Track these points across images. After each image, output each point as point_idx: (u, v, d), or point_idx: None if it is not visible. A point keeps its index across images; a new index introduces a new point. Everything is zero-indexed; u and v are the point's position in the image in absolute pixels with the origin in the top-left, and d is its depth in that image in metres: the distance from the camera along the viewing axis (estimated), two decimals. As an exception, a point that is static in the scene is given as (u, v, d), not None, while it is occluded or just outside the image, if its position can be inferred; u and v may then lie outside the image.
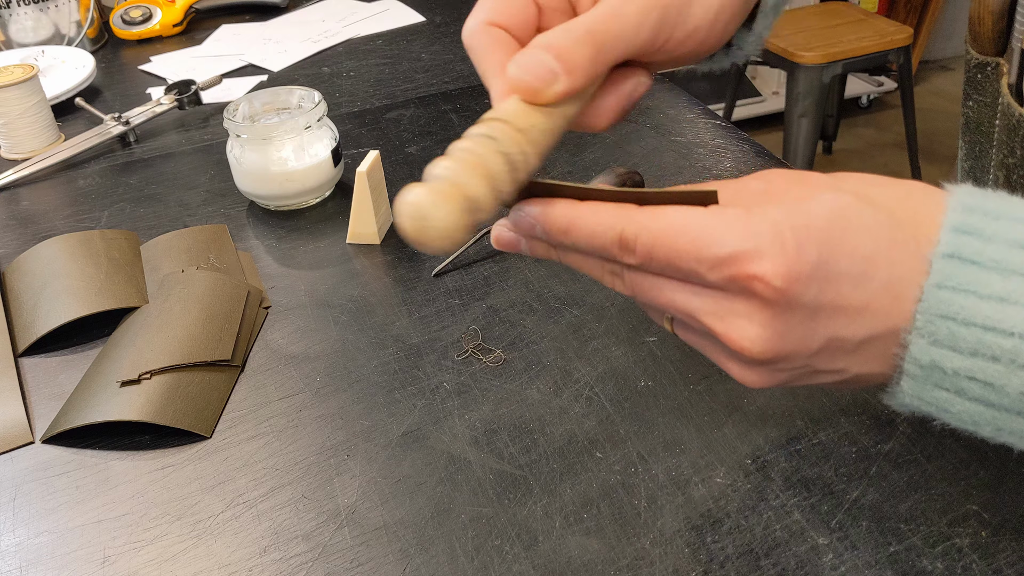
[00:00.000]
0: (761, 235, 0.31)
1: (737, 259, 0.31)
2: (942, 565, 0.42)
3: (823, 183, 0.34)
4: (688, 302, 0.33)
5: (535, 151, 0.33)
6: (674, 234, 0.32)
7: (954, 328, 0.31)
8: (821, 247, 0.31)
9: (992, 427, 0.33)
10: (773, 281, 0.31)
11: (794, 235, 0.31)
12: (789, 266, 0.31)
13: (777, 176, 0.35)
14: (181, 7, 1.22)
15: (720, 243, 0.31)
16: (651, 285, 0.34)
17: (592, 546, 0.44)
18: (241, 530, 0.47)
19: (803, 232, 0.31)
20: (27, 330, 0.61)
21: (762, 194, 0.34)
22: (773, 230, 0.31)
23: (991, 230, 0.31)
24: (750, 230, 0.31)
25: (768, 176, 0.35)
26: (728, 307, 0.32)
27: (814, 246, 0.31)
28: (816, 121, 2.21)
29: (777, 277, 0.30)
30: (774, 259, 0.30)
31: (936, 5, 2.97)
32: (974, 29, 0.59)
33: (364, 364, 0.57)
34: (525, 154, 0.33)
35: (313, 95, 0.75)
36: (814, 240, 0.31)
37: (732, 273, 0.31)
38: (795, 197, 0.33)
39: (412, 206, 0.30)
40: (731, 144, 0.81)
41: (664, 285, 0.34)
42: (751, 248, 0.31)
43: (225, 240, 0.70)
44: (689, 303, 0.33)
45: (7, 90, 0.86)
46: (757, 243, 0.31)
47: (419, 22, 1.21)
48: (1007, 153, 0.57)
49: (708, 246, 0.31)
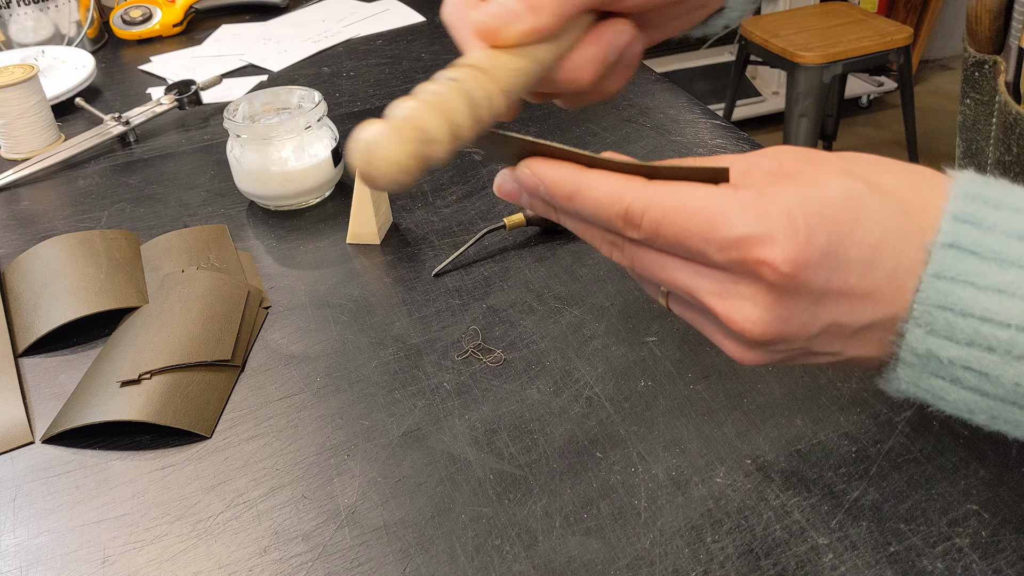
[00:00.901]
0: (773, 220, 0.31)
1: (747, 242, 0.31)
2: (942, 565, 0.42)
3: (835, 165, 0.33)
4: (691, 281, 0.33)
5: (499, 89, 0.33)
6: (684, 213, 0.31)
7: (951, 318, 0.31)
8: (831, 234, 0.31)
9: (986, 415, 0.33)
10: (782, 267, 0.30)
11: (805, 221, 0.31)
12: (799, 252, 0.30)
13: (788, 154, 0.35)
14: (181, 7, 1.22)
15: (731, 225, 0.31)
16: (653, 260, 0.34)
17: (592, 546, 0.44)
18: (241, 530, 0.47)
19: (814, 219, 0.31)
20: (27, 330, 0.61)
21: (773, 174, 0.34)
22: (786, 215, 0.31)
23: (991, 220, 0.31)
24: (762, 214, 0.31)
25: (780, 154, 0.35)
26: (732, 288, 0.32)
27: (824, 233, 0.31)
28: (816, 121, 2.21)
29: (787, 263, 0.30)
30: (784, 245, 0.30)
31: (936, 5, 2.97)
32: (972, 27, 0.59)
33: (364, 364, 0.57)
34: (487, 91, 0.32)
35: (313, 95, 0.75)
36: (824, 227, 0.31)
37: (741, 256, 0.31)
38: (807, 180, 0.32)
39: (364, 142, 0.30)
40: (731, 144, 0.81)
41: (667, 262, 0.33)
42: (763, 232, 0.30)
43: (225, 240, 0.70)
44: (692, 282, 0.33)
45: (7, 90, 0.86)
46: (769, 228, 0.30)
47: (419, 22, 1.21)
48: (1003, 151, 0.57)
49: (719, 227, 0.31)
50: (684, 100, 0.90)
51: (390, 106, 0.31)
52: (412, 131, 0.30)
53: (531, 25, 0.34)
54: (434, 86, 0.32)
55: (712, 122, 0.85)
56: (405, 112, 0.30)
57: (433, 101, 0.31)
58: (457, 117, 0.31)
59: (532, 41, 0.34)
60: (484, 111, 0.32)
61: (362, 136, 0.30)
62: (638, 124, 0.86)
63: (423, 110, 0.30)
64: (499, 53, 0.34)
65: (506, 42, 0.34)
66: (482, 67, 0.33)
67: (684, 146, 0.81)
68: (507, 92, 0.34)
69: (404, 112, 0.30)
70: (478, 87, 0.32)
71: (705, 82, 2.82)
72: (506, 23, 0.33)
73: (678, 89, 0.93)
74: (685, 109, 0.88)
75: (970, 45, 0.61)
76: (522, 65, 0.34)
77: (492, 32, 0.34)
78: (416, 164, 0.30)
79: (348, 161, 0.30)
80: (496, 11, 0.34)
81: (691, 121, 0.86)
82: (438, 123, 0.30)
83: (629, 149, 0.81)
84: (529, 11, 0.34)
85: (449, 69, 0.33)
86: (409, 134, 0.30)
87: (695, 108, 0.88)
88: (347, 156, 0.30)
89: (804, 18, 2.35)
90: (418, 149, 0.30)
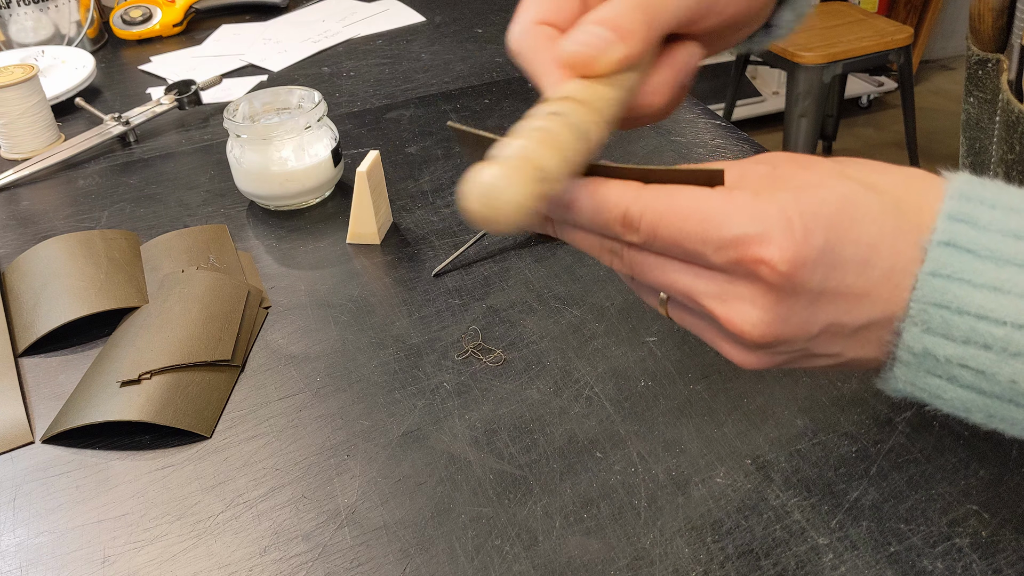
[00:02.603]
0: (769, 219, 0.31)
1: (744, 242, 0.31)
2: (942, 565, 0.42)
3: (829, 168, 0.34)
4: (690, 283, 0.33)
5: (601, 120, 0.33)
6: (681, 214, 0.32)
7: (947, 316, 0.31)
8: (828, 233, 0.31)
9: (983, 414, 0.33)
10: (779, 266, 0.30)
11: (802, 221, 0.31)
12: (796, 251, 0.31)
13: (782, 159, 0.35)
14: (181, 7, 1.22)
15: (727, 225, 0.31)
16: (652, 265, 0.34)
17: (592, 546, 0.44)
18: (241, 530, 0.47)
19: (811, 218, 0.31)
20: (27, 330, 0.61)
21: (768, 177, 0.34)
22: (781, 215, 0.31)
23: (986, 219, 0.32)
24: (758, 213, 0.31)
25: (773, 159, 0.35)
26: (731, 290, 0.32)
27: (821, 232, 0.31)
28: (816, 121, 2.21)
29: (783, 262, 0.30)
30: (781, 244, 0.30)
31: (936, 5, 2.96)
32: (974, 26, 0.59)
33: (364, 364, 0.57)
34: (591, 123, 0.32)
35: (313, 95, 0.75)
36: (821, 226, 0.31)
37: (738, 256, 0.31)
38: (802, 183, 0.32)
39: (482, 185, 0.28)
40: (731, 144, 0.81)
41: (665, 265, 0.34)
42: (759, 232, 0.31)
43: (225, 240, 0.70)
44: (690, 284, 0.33)
45: (7, 90, 0.86)
46: (765, 227, 0.31)
47: (419, 22, 1.21)
48: (1007, 149, 0.57)
49: (715, 228, 0.31)
50: (684, 100, 0.90)
51: (498, 145, 0.30)
52: (531, 170, 0.29)
53: (624, 53, 0.34)
54: (539, 122, 0.31)
55: (712, 122, 0.85)
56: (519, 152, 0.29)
57: (544, 138, 0.30)
58: (569, 153, 0.31)
59: (623, 69, 0.34)
60: (593, 144, 0.32)
61: (481, 179, 0.28)
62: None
63: (537, 148, 0.30)
64: (592, 84, 0.33)
65: (600, 72, 0.34)
66: (580, 99, 0.32)
67: (684, 146, 0.81)
68: (607, 123, 0.33)
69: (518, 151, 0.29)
70: (583, 120, 0.32)
71: (705, 82, 2.82)
72: (600, 52, 0.33)
73: (678, 89, 0.93)
74: (685, 109, 0.88)
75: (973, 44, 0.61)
76: (617, 94, 0.34)
77: (586, 63, 0.34)
78: (536, 204, 0.29)
79: (464, 206, 0.29)
80: (588, 40, 0.33)
81: (691, 121, 0.86)
82: (554, 160, 0.30)
83: (629, 149, 0.81)
84: (621, 39, 0.33)
85: (546, 104, 0.32)
86: (529, 173, 0.29)
87: (695, 108, 0.88)
88: (462, 200, 0.29)
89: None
90: (538, 188, 0.29)
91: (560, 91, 0.34)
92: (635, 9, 0.34)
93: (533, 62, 0.37)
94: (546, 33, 0.37)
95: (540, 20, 0.37)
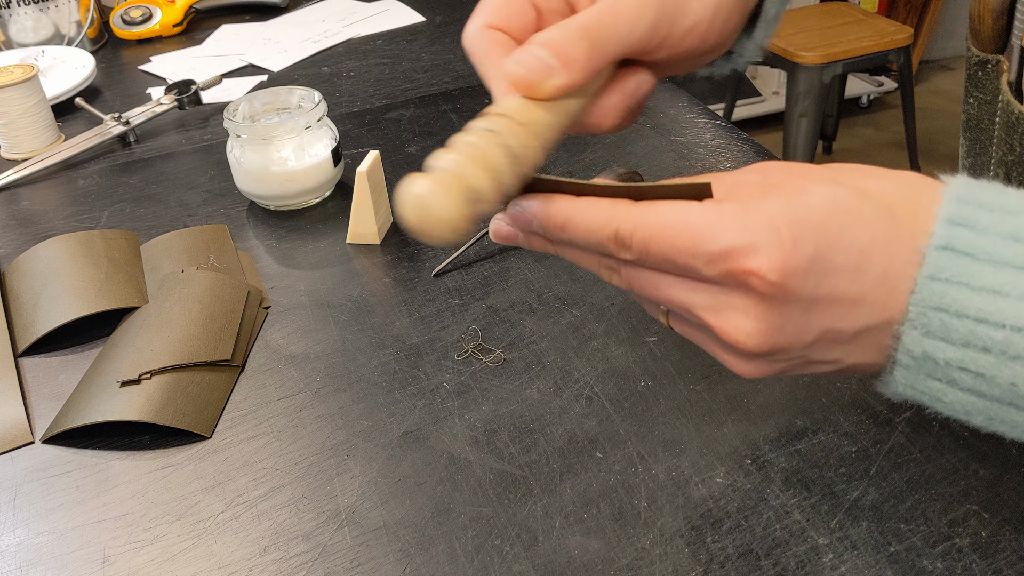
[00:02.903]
0: (757, 230, 0.31)
1: (733, 254, 0.31)
2: (942, 565, 0.42)
3: (820, 175, 0.34)
4: (684, 297, 0.33)
5: (537, 144, 0.33)
6: (670, 230, 0.32)
7: (946, 320, 0.31)
8: (818, 241, 0.31)
9: (983, 416, 0.33)
10: (769, 275, 0.31)
11: (790, 229, 0.31)
12: (785, 260, 0.31)
13: (773, 168, 0.35)
14: (181, 7, 1.22)
15: (716, 238, 0.31)
16: (647, 280, 0.34)
17: (592, 546, 0.44)
18: (241, 530, 0.47)
19: (799, 226, 0.31)
20: (27, 330, 0.61)
21: (759, 187, 0.34)
22: (769, 225, 0.31)
23: (985, 222, 0.32)
24: (746, 225, 0.31)
25: (765, 169, 0.35)
26: (724, 301, 0.32)
27: (810, 240, 0.31)
28: (816, 121, 2.21)
29: (773, 272, 0.31)
30: (770, 254, 0.31)
31: (936, 5, 2.96)
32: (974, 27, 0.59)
33: (364, 364, 0.57)
34: (527, 147, 0.33)
35: (313, 95, 0.75)
36: (810, 234, 0.31)
37: (728, 268, 0.31)
38: (792, 190, 0.33)
39: (414, 196, 0.30)
40: (731, 144, 0.81)
41: (660, 280, 0.34)
42: (747, 243, 0.31)
43: (225, 240, 0.70)
44: (685, 298, 0.33)
45: (7, 90, 0.86)
46: (753, 238, 0.31)
47: (419, 22, 1.21)
48: (1007, 150, 0.57)
49: (704, 241, 0.31)
50: (684, 100, 0.90)
51: (431, 156, 0.31)
52: (461, 190, 0.30)
53: (564, 81, 0.34)
54: (474, 137, 0.32)
55: (712, 122, 0.85)
56: (452, 166, 0.30)
57: (477, 156, 0.31)
58: (501, 175, 0.31)
59: (564, 96, 0.35)
60: (525, 167, 0.33)
61: (412, 190, 0.30)
62: (638, 124, 0.85)
63: (468, 166, 0.30)
64: (534, 107, 0.34)
65: (541, 96, 0.34)
66: (519, 119, 0.33)
67: (684, 146, 0.81)
68: (544, 147, 0.34)
69: (451, 166, 0.30)
70: (518, 143, 0.32)
71: (705, 82, 2.81)
72: (542, 78, 0.34)
73: (678, 89, 0.93)
74: (685, 109, 0.88)
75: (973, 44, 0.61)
76: (557, 120, 0.35)
77: (529, 87, 0.34)
78: (466, 224, 0.30)
79: (398, 214, 0.30)
80: (530, 64, 0.34)
81: (691, 121, 0.86)
82: (486, 181, 0.31)
83: (629, 150, 0.81)
84: (563, 67, 0.34)
85: (485, 119, 0.33)
86: (460, 192, 0.30)
87: (695, 108, 0.88)
88: (398, 208, 0.30)
89: (804, 18, 2.35)
90: (469, 209, 0.30)
91: (501, 105, 0.34)
92: (581, 38, 0.35)
93: (483, 65, 0.38)
94: (496, 39, 0.38)
95: (491, 25, 0.38)
